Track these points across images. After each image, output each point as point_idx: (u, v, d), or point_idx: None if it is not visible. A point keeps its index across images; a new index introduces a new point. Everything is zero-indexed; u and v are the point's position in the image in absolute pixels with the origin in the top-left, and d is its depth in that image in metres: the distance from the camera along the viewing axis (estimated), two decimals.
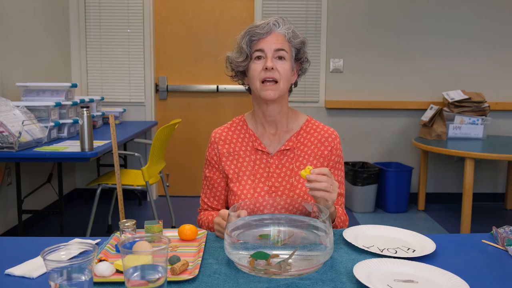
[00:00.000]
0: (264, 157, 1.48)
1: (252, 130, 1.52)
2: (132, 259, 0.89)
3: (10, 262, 1.11)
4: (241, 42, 1.43)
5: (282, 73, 1.40)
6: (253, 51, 1.42)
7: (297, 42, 1.44)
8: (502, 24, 4.20)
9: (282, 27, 1.42)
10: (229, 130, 1.54)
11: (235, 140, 1.52)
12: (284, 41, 1.42)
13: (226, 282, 1.02)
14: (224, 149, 1.51)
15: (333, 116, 4.27)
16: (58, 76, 3.94)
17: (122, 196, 1.40)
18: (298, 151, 1.48)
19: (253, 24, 1.44)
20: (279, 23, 1.42)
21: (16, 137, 2.47)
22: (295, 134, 1.50)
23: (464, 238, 1.34)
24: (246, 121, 1.54)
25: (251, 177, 1.47)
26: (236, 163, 1.49)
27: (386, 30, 4.20)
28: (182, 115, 4.36)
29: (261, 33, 1.40)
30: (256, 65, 1.42)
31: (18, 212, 2.84)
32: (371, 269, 1.06)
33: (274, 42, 1.40)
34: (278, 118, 1.48)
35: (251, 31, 1.42)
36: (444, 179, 4.39)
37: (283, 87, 1.42)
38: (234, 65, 1.48)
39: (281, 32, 1.42)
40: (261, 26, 1.41)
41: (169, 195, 3.63)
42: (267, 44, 1.40)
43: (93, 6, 4.16)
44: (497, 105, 4.20)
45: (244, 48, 1.42)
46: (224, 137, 1.53)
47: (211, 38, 4.31)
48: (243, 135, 1.52)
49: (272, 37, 1.41)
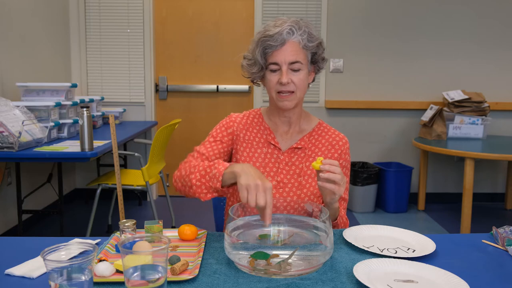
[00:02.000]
0: (276, 152, 1.49)
1: (268, 124, 1.53)
2: (132, 259, 0.89)
3: (10, 262, 1.11)
4: (255, 51, 1.41)
5: (298, 84, 1.40)
6: (268, 63, 1.40)
7: (312, 46, 1.42)
8: (502, 24, 4.20)
9: (296, 34, 1.38)
10: (247, 119, 1.54)
11: (251, 128, 1.53)
12: (298, 50, 1.39)
13: (226, 282, 1.02)
14: (242, 133, 1.52)
15: (333, 116, 4.27)
16: (58, 76, 3.94)
17: (122, 196, 1.40)
18: (309, 151, 1.49)
19: (267, 32, 1.39)
20: (294, 30, 1.38)
21: (16, 137, 2.47)
22: (307, 135, 1.51)
23: (464, 238, 1.34)
24: (262, 114, 1.56)
25: (260, 169, 1.47)
26: (248, 151, 1.50)
27: (386, 30, 4.20)
28: (182, 115, 4.36)
29: (275, 45, 1.37)
30: (272, 76, 1.41)
31: (18, 212, 2.84)
32: (371, 269, 1.06)
33: (288, 54, 1.37)
34: (293, 118, 1.50)
35: (265, 41, 1.38)
36: (444, 179, 4.39)
37: (299, 95, 1.43)
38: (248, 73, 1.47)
39: (295, 40, 1.38)
40: (275, 37, 1.36)
41: (169, 195, 3.63)
42: (281, 56, 1.37)
43: (93, 6, 4.16)
44: (497, 105, 4.20)
45: (258, 59, 1.41)
46: (243, 123, 1.53)
47: (211, 38, 4.31)
48: (259, 126, 1.53)
49: (286, 48, 1.37)
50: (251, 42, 1.45)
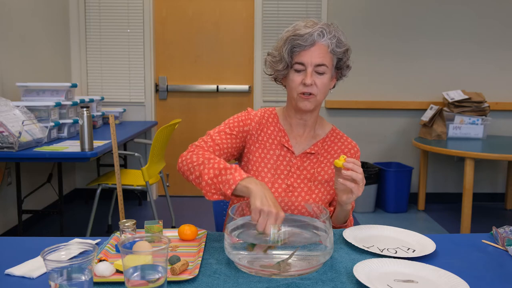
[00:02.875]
0: (288, 155, 1.48)
1: (282, 126, 1.52)
2: (132, 259, 0.89)
3: (10, 262, 1.11)
4: (282, 48, 1.40)
5: (320, 87, 1.39)
6: (294, 62, 1.39)
7: (340, 52, 1.41)
8: (502, 24, 4.20)
9: (326, 37, 1.37)
10: (263, 118, 1.52)
11: (266, 129, 1.51)
12: (326, 53, 1.38)
13: (226, 282, 1.02)
14: (257, 133, 1.50)
15: (333, 116, 4.27)
16: (58, 76, 3.94)
17: (122, 196, 1.40)
18: (321, 157, 1.49)
19: (297, 31, 1.38)
20: (324, 33, 1.37)
21: (16, 137, 2.47)
22: (321, 140, 1.50)
23: (464, 238, 1.34)
24: (278, 115, 1.54)
25: (271, 170, 1.46)
26: (260, 152, 1.48)
27: (386, 30, 4.20)
28: (182, 115, 4.36)
29: (304, 45, 1.37)
30: (295, 76, 1.40)
31: (18, 212, 2.84)
32: (371, 269, 1.06)
33: (315, 56, 1.37)
34: (309, 122, 1.49)
35: (294, 40, 1.37)
36: (444, 179, 4.39)
37: (320, 99, 1.42)
38: (272, 69, 1.47)
39: (324, 43, 1.37)
40: (305, 37, 1.36)
41: (169, 195, 3.63)
42: (308, 57, 1.37)
43: (93, 6, 4.16)
44: (497, 105, 4.20)
45: (285, 57, 1.40)
46: (259, 122, 1.51)
47: (211, 38, 4.31)
48: (273, 127, 1.51)
49: (314, 50, 1.37)
50: (278, 39, 1.44)
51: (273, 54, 1.46)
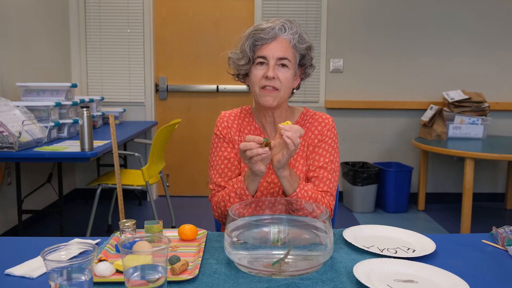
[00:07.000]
0: None
1: (258, 123, 1.52)
2: (132, 259, 0.89)
3: (10, 262, 1.11)
4: (244, 44, 1.40)
5: (283, 81, 1.38)
6: (256, 56, 1.39)
7: (302, 48, 1.41)
8: (502, 24, 4.20)
9: (288, 32, 1.38)
10: (239, 118, 1.53)
11: (243, 129, 1.51)
12: (288, 48, 1.38)
13: (226, 282, 1.02)
14: (236, 136, 1.50)
15: (333, 116, 4.23)
16: (58, 76, 3.94)
17: (122, 196, 1.40)
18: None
19: (259, 26, 1.39)
20: (286, 27, 1.38)
21: (16, 137, 2.47)
22: None
23: (464, 238, 1.34)
24: (253, 113, 1.54)
25: None
26: (237, 152, 1.49)
27: (386, 30, 4.20)
28: (182, 115, 4.36)
29: (266, 38, 1.37)
30: (257, 70, 1.40)
31: (18, 212, 2.84)
32: (371, 269, 1.06)
33: (277, 50, 1.37)
34: (278, 119, 1.48)
35: (256, 34, 1.38)
36: (444, 179, 4.39)
37: (283, 95, 1.41)
38: (235, 66, 1.47)
39: (286, 37, 1.38)
40: (266, 30, 1.37)
41: (169, 195, 3.63)
42: (270, 51, 1.37)
43: (93, 6, 4.16)
44: (497, 105, 4.20)
45: (247, 51, 1.40)
46: (235, 124, 1.52)
47: (211, 38, 4.31)
48: (250, 126, 1.52)
49: (276, 43, 1.37)
50: (240, 38, 1.44)
51: (235, 51, 1.45)
